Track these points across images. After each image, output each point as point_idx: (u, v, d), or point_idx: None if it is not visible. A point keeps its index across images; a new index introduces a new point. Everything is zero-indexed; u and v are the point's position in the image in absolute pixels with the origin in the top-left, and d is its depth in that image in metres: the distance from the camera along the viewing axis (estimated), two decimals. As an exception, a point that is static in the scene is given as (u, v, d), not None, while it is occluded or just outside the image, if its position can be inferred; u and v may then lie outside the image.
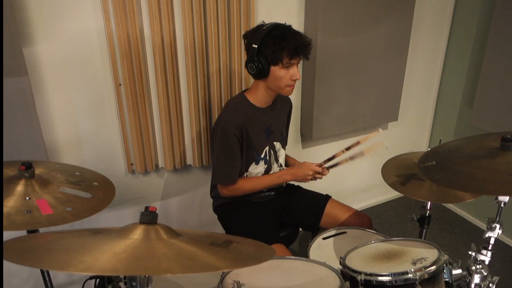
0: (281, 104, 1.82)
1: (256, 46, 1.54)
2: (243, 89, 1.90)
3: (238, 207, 1.83)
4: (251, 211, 1.82)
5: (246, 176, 1.78)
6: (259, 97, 1.70)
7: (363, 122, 2.56)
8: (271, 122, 1.77)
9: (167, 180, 2.17)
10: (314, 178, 1.76)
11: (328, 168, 1.76)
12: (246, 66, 1.62)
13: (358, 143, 1.72)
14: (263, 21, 1.61)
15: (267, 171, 1.81)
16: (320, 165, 1.75)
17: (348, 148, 1.76)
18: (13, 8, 1.52)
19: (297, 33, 1.57)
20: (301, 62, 1.63)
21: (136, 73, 1.80)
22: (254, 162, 1.76)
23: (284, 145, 1.89)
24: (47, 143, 1.76)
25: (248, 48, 1.59)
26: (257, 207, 1.83)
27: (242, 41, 1.95)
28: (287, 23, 1.60)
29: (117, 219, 2.09)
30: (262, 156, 1.77)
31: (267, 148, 1.77)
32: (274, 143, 1.81)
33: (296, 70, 1.60)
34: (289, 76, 1.59)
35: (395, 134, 2.92)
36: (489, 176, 1.17)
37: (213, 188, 1.88)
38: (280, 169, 1.87)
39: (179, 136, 2.01)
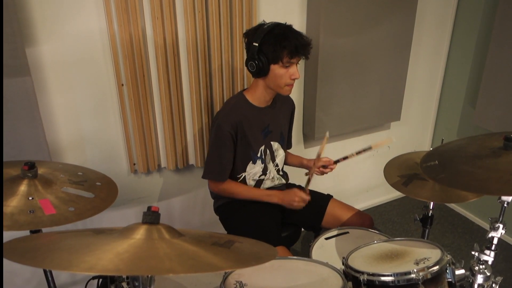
0: (281, 104, 1.82)
1: (256, 44, 1.54)
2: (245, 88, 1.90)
3: (239, 208, 1.82)
4: (252, 211, 1.81)
5: (245, 176, 1.78)
6: (258, 96, 1.70)
7: (366, 122, 2.56)
8: (270, 122, 1.77)
9: (169, 180, 2.17)
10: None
11: (336, 162, 1.80)
12: (246, 64, 1.62)
13: (370, 148, 1.74)
14: (263, 20, 1.61)
15: (264, 171, 1.81)
16: (307, 193, 1.73)
17: (358, 152, 1.77)
18: (16, 9, 1.52)
19: (297, 32, 1.58)
20: (302, 62, 1.62)
21: (138, 73, 1.80)
22: (251, 162, 1.76)
23: (284, 146, 1.88)
24: (50, 143, 1.77)
25: (248, 46, 1.59)
26: (258, 208, 1.82)
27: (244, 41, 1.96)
28: (289, 23, 1.60)
29: (120, 219, 2.09)
30: (258, 155, 1.77)
31: (262, 147, 1.77)
32: (272, 142, 1.81)
33: (296, 70, 1.61)
34: (288, 75, 1.59)
35: (398, 134, 2.91)
36: (492, 176, 1.16)
37: None
38: (276, 169, 1.86)
39: (181, 136, 2.02)
